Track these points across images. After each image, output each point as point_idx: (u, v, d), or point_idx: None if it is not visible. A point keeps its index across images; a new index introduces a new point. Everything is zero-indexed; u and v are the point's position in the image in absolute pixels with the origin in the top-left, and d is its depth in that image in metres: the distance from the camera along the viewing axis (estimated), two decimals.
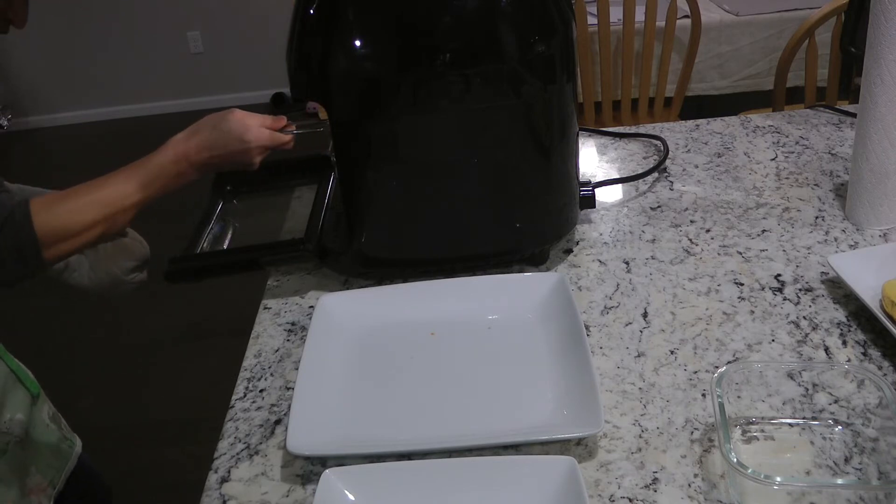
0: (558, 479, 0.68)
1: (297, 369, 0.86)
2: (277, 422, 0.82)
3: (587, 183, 1.07)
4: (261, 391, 0.86)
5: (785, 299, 0.92)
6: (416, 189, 0.95)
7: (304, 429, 0.76)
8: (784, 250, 1.01)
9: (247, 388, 0.87)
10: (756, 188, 1.16)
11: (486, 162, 0.93)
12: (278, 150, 0.98)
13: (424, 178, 0.94)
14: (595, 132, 1.38)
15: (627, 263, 1.01)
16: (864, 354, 0.83)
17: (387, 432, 0.77)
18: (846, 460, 0.71)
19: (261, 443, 0.79)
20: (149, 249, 1.09)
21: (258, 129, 0.95)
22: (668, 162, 1.25)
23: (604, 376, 0.83)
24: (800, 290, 0.94)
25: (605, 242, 1.06)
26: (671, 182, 1.19)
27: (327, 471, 0.70)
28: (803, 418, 0.75)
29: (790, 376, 0.79)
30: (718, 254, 1.01)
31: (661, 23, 2.27)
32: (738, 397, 0.77)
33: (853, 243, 1.01)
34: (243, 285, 1.33)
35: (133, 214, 0.90)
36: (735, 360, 0.84)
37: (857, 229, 1.04)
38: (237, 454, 0.78)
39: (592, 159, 1.29)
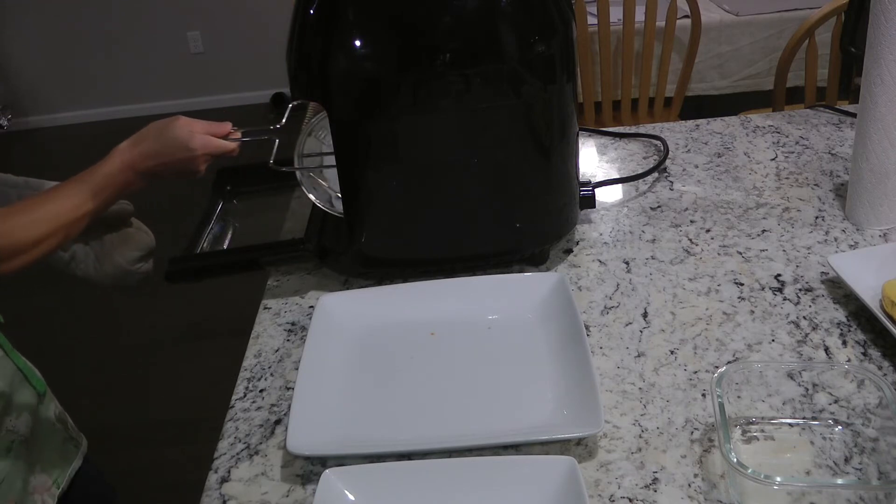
0: (558, 479, 0.68)
1: (297, 369, 0.86)
2: (277, 422, 0.82)
3: (587, 183, 1.07)
4: (261, 391, 0.86)
5: (785, 299, 0.92)
6: (416, 189, 0.95)
7: (304, 429, 0.76)
8: (784, 250, 1.01)
9: (247, 388, 0.87)
10: (756, 188, 1.16)
11: (486, 162, 0.93)
12: (224, 157, 0.97)
13: (424, 178, 0.94)
14: (595, 132, 1.38)
15: (627, 263, 1.01)
16: (864, 354, 0.83)
17: (387, 432, 0.77)
18: (846, 460, 0.71)
19: (261, 443, 0.79)
20: (154, 239, 1.09)
21: (203, 137, 0.94)
22: (668, 162, 1.25)
23: (604, 376, 0.83)
24: (800, 290, 0.94)
25: (605, 242, 1.06)
26: (671, 182, 1.19)
27: (327, 471, 0.70)
28: (803, 418, 0.75)
29: (790, 376, 0.79)
30: (718, 254, 1.01)
31: (661, 23, 2.27)
32: (738, 397, 0.77)
33: (853, 243, 1.01)
34: (243, 285, 1.33)
35: (85, 224, 0.90)
36: (735, 360, 0.84)
37: (857, 229, 1.04)
38: (237, 454, 0.78)
39: (592, 159, 1.29)
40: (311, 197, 1.01)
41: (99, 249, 1.05)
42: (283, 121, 1.01)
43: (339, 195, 0.98)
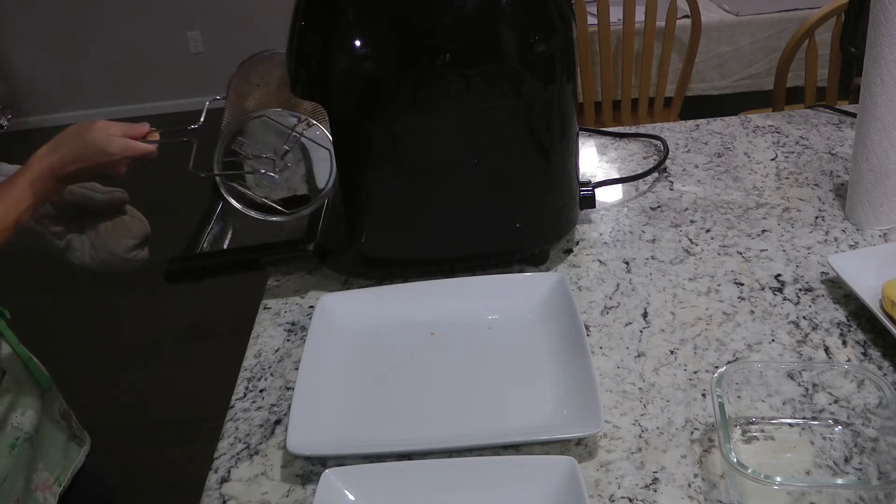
0: (558, 479, 0.68)
1: (297, 369, 0.86)
2: (277, 422, 0.82)
3: (587, 183, 1.07)
4: (261, 391, 0.86)
5: (785, 299, 0.92)
6: (415, 189, 0.95)
7: (304, 429, 0.76)
8: (784, 250, 1.01)
9: (247, 388, 0.87)
10: (756, 188, 1.16)
11: (486, 162, 0.93)
12: (142, 160, 0.95)
13: (424, 178, 0.94)
14: (595, 132, 1.38)
15: (627, 263, 1.01)
16: (864, 354, 0.83)
17: (387, 432, 0.77)
18: (846, 460, 0.71)
19: (261, 443, 0.79)
20: (149, 226, 1.10)
21: (121, 140, 0.93)
22: (668, 162, 1.25)
23: (604, 376, 0.83)
24: (800, 290, 0.94)
25: (605, 242, 1.06)
26: (671, 182, 1.19)
27: (327, 471, 0.70)
28: (803, 418, 0.75)
29: (790, 376, 0.79)
30: (718, 254, 1.01)
31: (661, 23, 2.27)
32: (738, 397, 0.77)
33: (853, 243, 1.01)
34: (243, 285, 1.33)
35: (10, 235, 0.89)
36: (735, 360, 0.84)
37: (857, 229, 1.04)
38: (237, 454, 0.78)
39: (592, 159, 1.29)
40: (234, 203, 1.00)
41: (94, 237, 1.06)
42: (201, 119, 0.98)
43: (265, 199, 0.99)
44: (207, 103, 1.00)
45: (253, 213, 1.00)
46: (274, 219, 1.00)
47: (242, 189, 1.00)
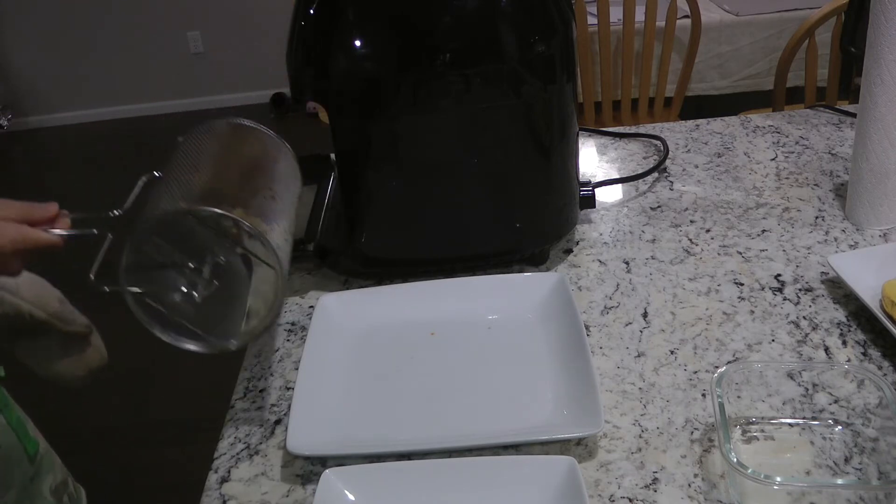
0: (558, 479, 0.68)
1: (297, 369, 0.86)
2: (277, 422, 0.82)
3: (587, 183, 1.07)
4: (261, 391, 0.86)
5: (785, 299, 0.92)
6: (415, 189, 0.95)
7: (304, 429, 0.76)
8: (784, 250, 1.01)
9: (247, 388, 0.87)
10: (756, 188, 1.16)
11: (486, 162, 0.93)
12: (42, 253, 0.73)
13: (424, 178, 0.94)
14: (595, 132, 1.38)
15: (627, 263, 1.01)
16: (864, 354, 0.83)
17: (387, 432, 0.77)
18: (846, 460, 0.71)
19: (261, 443, 0.79)
20: (106, 358, 0.97)
21: (13, 227, 0.70)
22: (668, 162, 1.25)
23: (604, 376, 0.83)
24: (800, 290, 0.94)
25: (605, 242, 1.06)
26: (671, 182, 1.19)
27: (327, 471, 0.70)
28: (803, 418, 0.75)
29: (790, 376, 0.79)
30: (718, 254, 1.01)
31: (661, 23, 2.27)
32: (738, 397, 0.77)
33: (853, 243, 1.01)
34: None
35: None
36: (735, 360, 0.84)
37: (857, 229, 1.04)
38: (237, 454, 0.78)
39: (592, 159, 1.29)
40: (144, 319, 0.74)
41: (43, 354, 0.92)
42: (128, 203, 0.77)
43: (183, 321, 0.75)
44: (142, 181, 0.79)
45: (163, 335, 0.75)
46: (189, 346, 0.76)
47: (154, 304, 0.75)
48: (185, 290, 0.73)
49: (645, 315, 0.92)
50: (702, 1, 2.42)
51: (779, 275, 0.97)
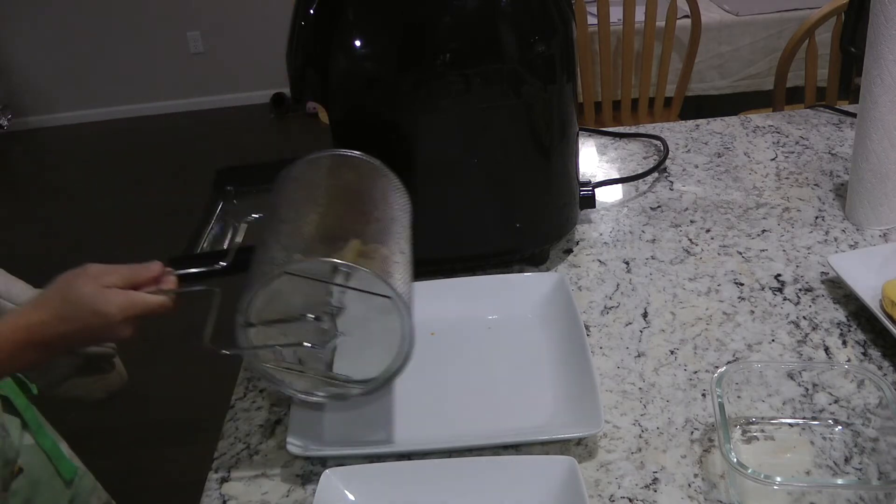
0: (558, 479, 0.68)
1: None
2: (277, 422, 0.82)
3: (587, 183, 1.07)
4: (261, 391, 0.86)
5: (785, 299, 0.92)
6: (416, 189, 0.94)
7: (304, 429, 0.76)
8: (784, 250, 1.01)
9: (247, 388, 0.87)
10: (756, 188, 1.16)
11: (486, 162, 0.93)
12: (154, 316, 0.72)
13: (424, 178, 0.94)
14: (595, 132, 1.38)
15: (627, 263, 1.01)
16: (864, 354, 0.83)
17: (387, 432, 0.77)
18: (846, 460, 0.71)
19: (261, 443, 0.79)
20: (126, 380, 0.96)
21: (120, 296, 0.69)
22: (668, 162, 1.25)
23: (604, 376, 0.83)
24: (800, 290, 0.94)
25: (605, 242, 1.06)
26: (671, 182, 1.19)
27: (327, 471, 0.70)
28: (803, 418, 0.75)
29: (790, 376, 0.79)
30: (718, 254, 1.01)
31: (661, 23, 2.27)
32: (738, 397, 0.77)
33: (853, 243, 1.01)
34: None
35: None
36: (735, 360, 0.84)
37: (857, 229, 1.04)
38: (237, 454, 0.78)
39: (592, 159, 1.29)
40: (291, 391, 0.73)
41: (61, 373, 0.90)
42: (229, 258, 0.78)
43: (310, 395, 0.73)
44: (243, 226, 0.76)
45: (288, 391, 0.73)
46: (319, 399, 0.73)
47: (284, 374, 0.72)
48: (308, 343, 0.70)
49: (645, 315, 0.92)
50: (702, 1, 2.42)
51: (779, 275, 0.96)
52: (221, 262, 0.77)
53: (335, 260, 0.67)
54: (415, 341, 0.69)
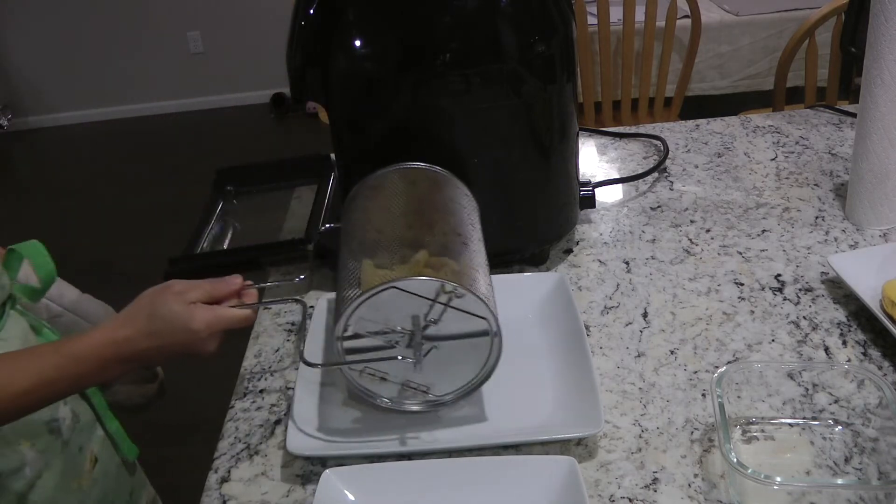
0: (558, 479, 0.68)
1: (297, 369, 0.86)
2: (277, 422, 0.82)
3: (587, 183, 1.07)
4: (261, 391, 0.86)
5: (785, 299, 0.92)
6: None
7: (304, 429, 0.76)
8: (784, 250, 1.01)
9: (247, 388, 0.87)
10: (756, 188, 1.16)
11: (486, 162, 0.93)
12: (237, 328, 0.76)
13: None
14: (595, 132, 1.38)
15: (627, 263, 1.01)
16: (864, 354, 0.83)
17: (387, 432, 0.77)
18: (846, 460, 0.71)
19: (261, 443, 0.79)
20: (165, 392, 1.01)
21: (206, 312, 0.73)
22: (668, 162, 1.25)
23: (604, 376, 0.83)
24: (800, 290, 0.94)
25: (605, 242, 1.06)
26: (671, 182, 1.19)
27: (327, 471, 0.70)
28: (803, 418, 0.75)
29: (790, 376, 0.79)
30: (718, 254, 1.01)
31: (661, 23, 2.27)
32: (738, 397, 0.77)
33: (853, 243, 1.01)
34: None
35: (22, 413, 0.70)
36: (735, 360, 0.84)
37: (857, 229, 1.04)
38: (237, 454, 0.78)
39: (592, 159, 1.29)
40: (385, 401, 0.76)
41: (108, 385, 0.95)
42: (307, 273, 0.83)
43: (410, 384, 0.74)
44: (312, 246, 0.82)
45: (383, 402, 0.76)
46: (413, 408, 0.77)
47: (379, 381, 0.75)
48: (400, 356, 0.73)
49: (645, 315, 0.91)
50: (702, 1, 2.42)
51: (779, 275, 0.96)
52: (301, 276, 0.89)
53: (437, 279, 0.70)
54: (501, 354, 0.73)
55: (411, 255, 0.73)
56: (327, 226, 0.91)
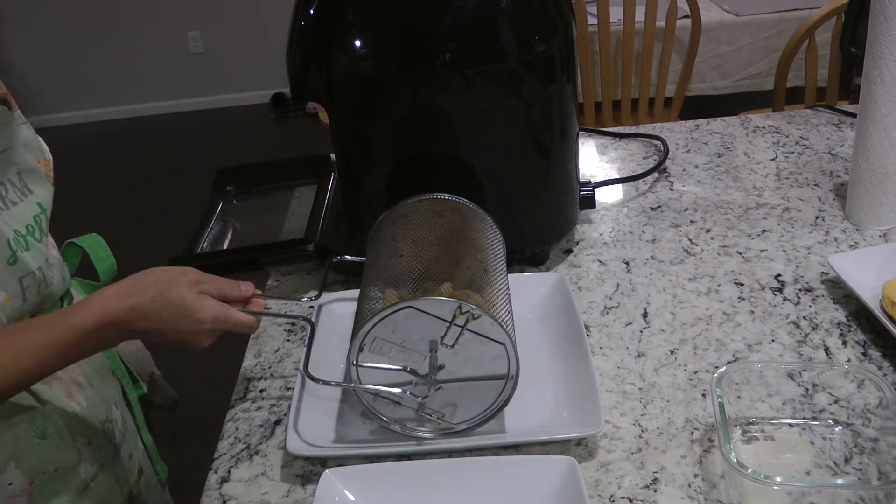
0: (558, 479, 0.68)
1: (297, 369, 0.86)
2: (277, 422, 0.82)
3: (587, 183, 1.07)
4: (261, 391, 0.86)
5: (785, 299, 0.92)
6: (416, 190, 0.94)
7: (304, 429, 0.76)
8: (784, 250, 1.01)
9: (247, 388, 0.87)
10: (756, 188, 1.16)
11: (486, 162, 0.93)
12: (236, 332, 0.76)
13: (424, 179, 0.94)
14: (595, 132, 1.38)
15: (627, 263, 1.01)
16: (864, 354, 0.83)
17: (387, 432, 0.77)
18: (846, 460, 0.71)
19: (261, 443, 0.79)
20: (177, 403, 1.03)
21: (216, 307, 0.72)
22: (668, 162, 1.25)
23: (604, 376, 0.83)
24: (800, 290, 0.94)
25: (605, 242, 1.06)
26: (671, 182, 1.19)
27: (327, 471, 0.70)
28: (803, 418, 0.75)
29: (790, 376, 0.79)
30: (718, 254, 1.01)
31: (661, 23, 2.27)
32: (738, 397, 0.77)
33: (853, 243, 1.01)
34: None
35: (21, 389, 0.69)
36: (735, 360, 0.84)
37: (857, 229, 1.04)
38: (237, 454, 0.78)
39: (592, 159, 1.29)
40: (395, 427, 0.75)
41: None
42: (319, 292, 0.86)
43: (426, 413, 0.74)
44: (329, 262, 0.84)
45: (395, 427, 0.75)
46: (422, 434, 0.75)
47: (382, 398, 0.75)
48: (413, 381, 0.73)
49: (645, 315, 0.92)
50: (702, 1, 2.42)
51: (779, 275, 0.96)
52: (311, 294, 0.87)
53: (455, 301, 0.69)
54: (518, 383, 0.73)
55: (435, 287, 0.73)
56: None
